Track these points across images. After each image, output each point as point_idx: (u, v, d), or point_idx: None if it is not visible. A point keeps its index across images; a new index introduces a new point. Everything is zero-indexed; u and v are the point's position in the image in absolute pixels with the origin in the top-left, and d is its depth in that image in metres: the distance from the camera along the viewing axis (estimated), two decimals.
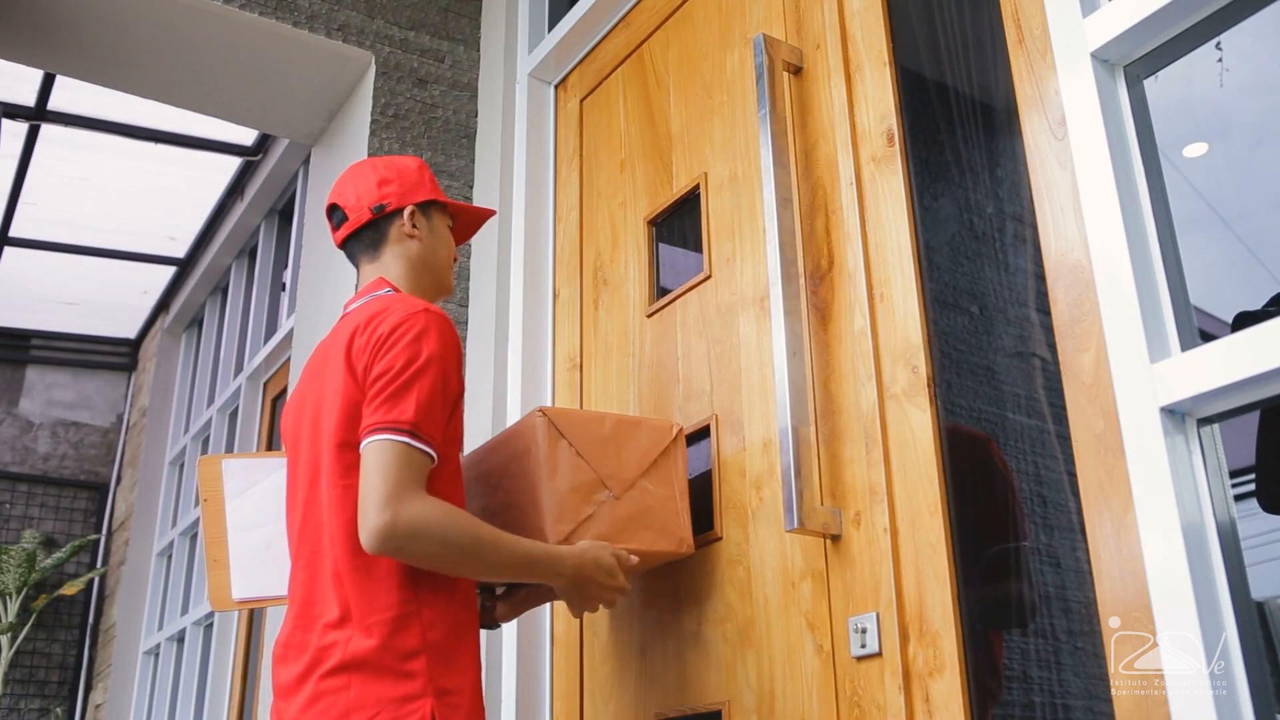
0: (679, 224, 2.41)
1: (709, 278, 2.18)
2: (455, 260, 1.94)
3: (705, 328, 2.17)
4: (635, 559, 1.78)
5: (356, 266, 1.89)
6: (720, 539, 1.99)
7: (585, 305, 2.61)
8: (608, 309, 2.51)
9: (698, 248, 2.27)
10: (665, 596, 2.09)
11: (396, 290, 1.79)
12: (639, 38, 2.63)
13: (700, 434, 2.10)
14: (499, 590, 1.93)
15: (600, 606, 1.77)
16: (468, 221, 2.00)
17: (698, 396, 2.14)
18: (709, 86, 2.34)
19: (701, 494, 2.03)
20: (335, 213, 1.88)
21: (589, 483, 1.80)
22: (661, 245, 2.45)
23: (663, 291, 2.38)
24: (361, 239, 1.86)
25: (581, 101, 2.82)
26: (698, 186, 2.27)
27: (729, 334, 2.10)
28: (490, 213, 2.02)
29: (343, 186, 1.88)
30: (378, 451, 1.54)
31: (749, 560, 1.91)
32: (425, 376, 1.59)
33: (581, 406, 2.53)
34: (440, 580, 1.61)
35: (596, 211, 2.66)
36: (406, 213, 1.84)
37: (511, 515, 1.82)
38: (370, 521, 1.50)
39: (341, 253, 2.95)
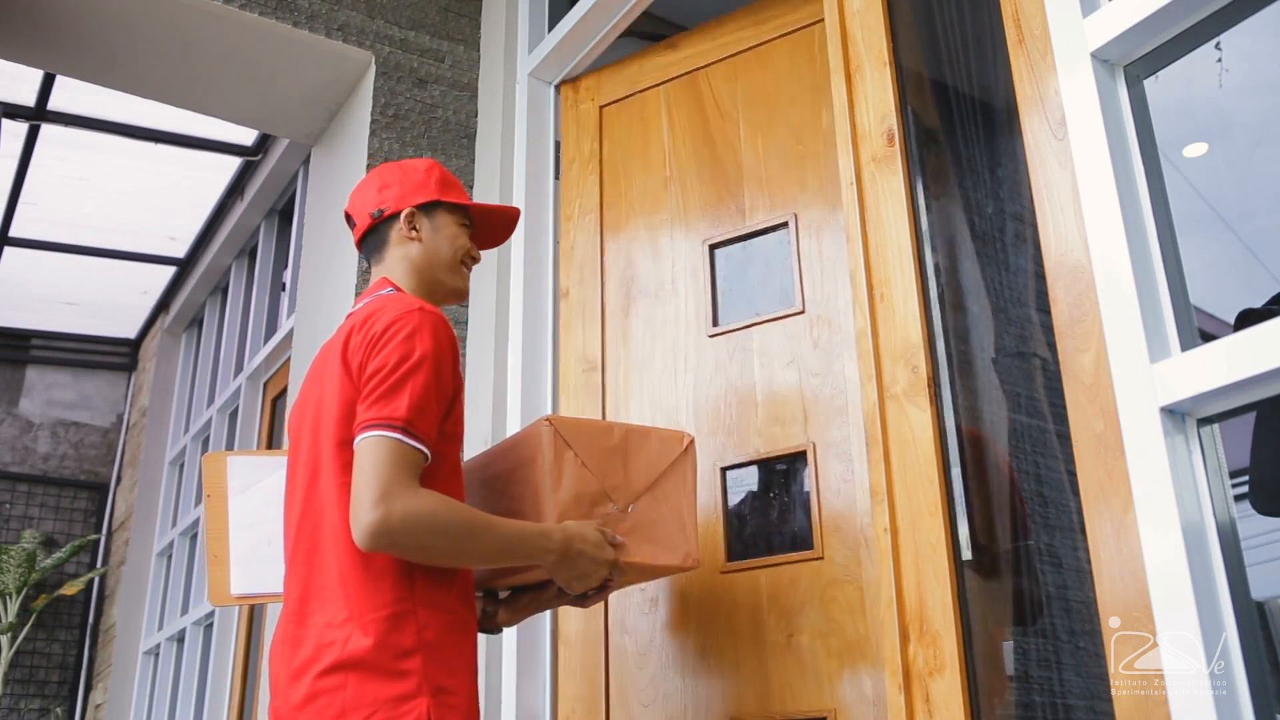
0: (746, 253, 2.48)
1: (802, 312, 2.25)
2: (474, 260, 1.91)
3: (797, 359, 2.25)
4: (621, 537, 1.77)
5: (370, 268, 1.90)
6: (821, 559, 2.06)
7: (609, 310, 2.63)
8: (646, 320, 2.55)
9: (772, 280, 2.37)
10: (735, 603, 2.16)
11: (397, 290, 1.80)
12: (691, 64, 2.70)
13: (787, 457, 2.20)
14: (502, 595, 1.93)
15: (595, 589, 1.76)
16: (494, 224, 1.98)
17: (786, 422, 2.23)
18: (798, 133, 2.42)
19: (801, 512, 2.15)
20: (348, 221, 1.92)
21: (593, 495, 1.78)
22: (720, 269, 2.53)
23: (726, 313, 2.44)
24: (368, 243, 1.89)
25: (602, 108, 2.84)
26: (786, 224, 2.35)
27: (830, 368, 2.19)
28: (513, 211, 1.99)
29: (353, 195, 1.92)
30: (371, 448, 1.54)
31: (861, 581, 1.98)
32: (419, 374, 1.60)
33: (604, 409, 2.54)
34: (437, 579, 1.61)
35: (624, 219, 2.69)
36: (403, 215, 1.85)
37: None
38: (363, 519, 1.51)
39: (341, 253, 2.96)
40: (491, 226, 1.98)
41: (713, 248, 2.48)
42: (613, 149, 2.78)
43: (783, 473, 2.23)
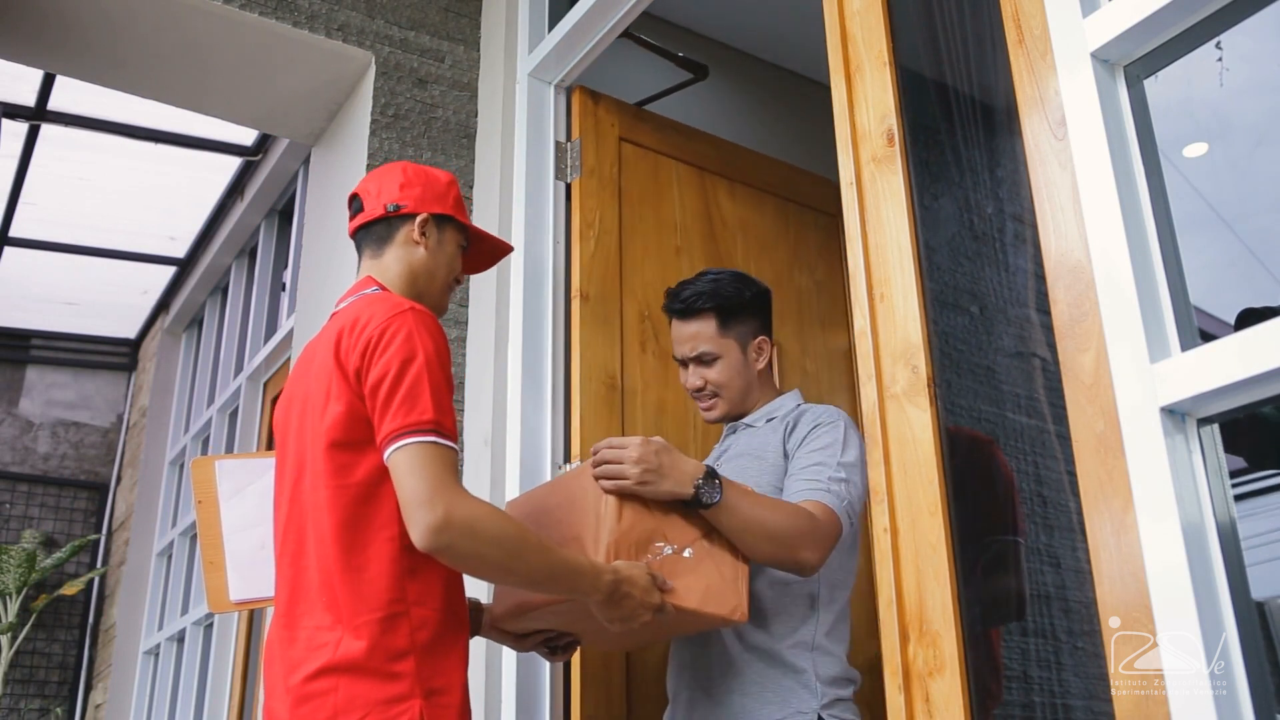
0: None
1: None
2: (458, 283, 1.93)
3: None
4: (671, 584, 1.73)
5: (360, 258, 1.89)
6: None
7: (627, 334, 2.72)
8: (660, 361, 2.75)
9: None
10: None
11: (383, 289, 1.78)
12: (699, 162, 3.02)
13: None
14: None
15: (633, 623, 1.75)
16: (485, 251, 1.99)
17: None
18: (781, 273, 3.01)
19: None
20: (354, 201, 1.89)
21: (650, 532, 1.75)
22: None
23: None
24: (371, 233, 1.86)
25: (621, 139, 2.89)
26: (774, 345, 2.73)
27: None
28: (509, 248, 2.02)
29: (369, 179, 1.90)
30: (409, 456, 1.53)
31: None
32: (428, 374, 1.60)
33: (623, 428, 2.59)
34: (429, 580, 1.60)
35: (640, 260, 2.83)
36: (418, 219, 1.84)
37: (570, 549, 1.76)
38: (422, 520, 1.50)
39: (341, 253, 2.96)
40: (479, 255, 1.99)
41: None
42: (630, 186, 2.88)
43: None
